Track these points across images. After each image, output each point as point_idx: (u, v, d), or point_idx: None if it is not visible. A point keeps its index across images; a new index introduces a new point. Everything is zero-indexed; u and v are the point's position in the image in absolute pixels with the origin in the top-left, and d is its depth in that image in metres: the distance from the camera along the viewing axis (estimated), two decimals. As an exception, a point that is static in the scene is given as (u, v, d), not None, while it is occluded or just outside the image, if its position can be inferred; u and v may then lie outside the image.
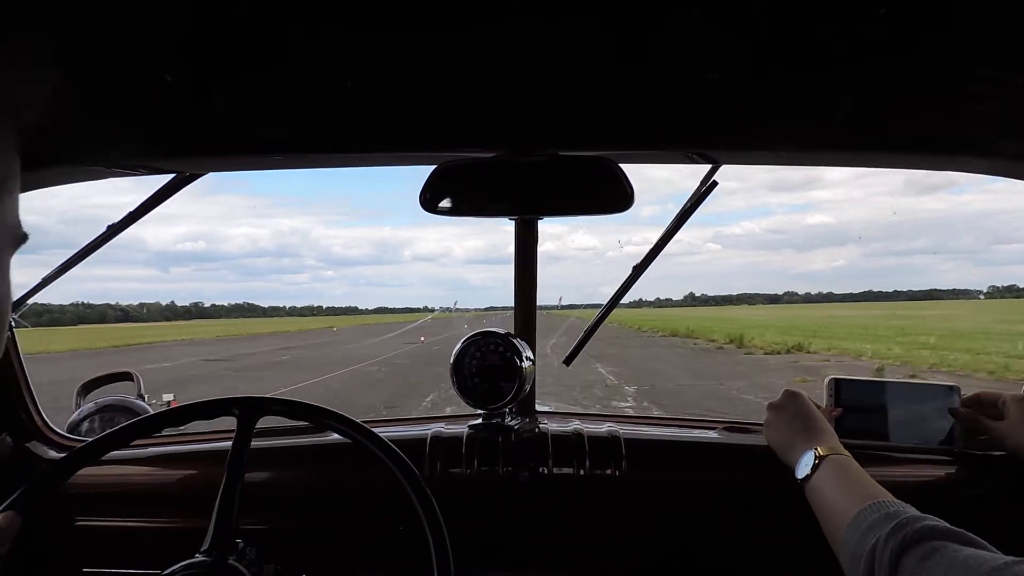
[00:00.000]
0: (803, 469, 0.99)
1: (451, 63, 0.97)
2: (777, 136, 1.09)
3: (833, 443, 1.01)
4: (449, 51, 0.95)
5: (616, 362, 18.53)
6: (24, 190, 1.18)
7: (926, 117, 1.02)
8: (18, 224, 0.62)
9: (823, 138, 1.09)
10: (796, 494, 0.99)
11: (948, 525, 0.76)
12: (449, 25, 0.89)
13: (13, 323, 1.24)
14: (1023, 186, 1.15)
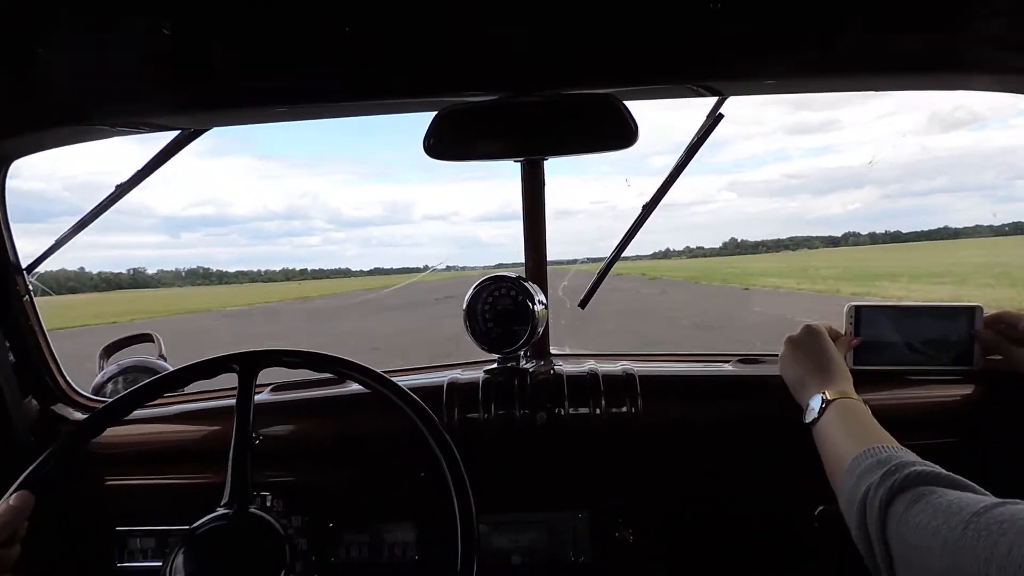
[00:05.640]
0: (810, 413, 0.99)
1: (450, 5, 0.95)
2: (783, 63, 1.06)
3: (844, 386, 1.00)
4: None
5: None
6: (29, 152, 1.20)
7: (933, 35, 0.99)
8: None
9: (830, 62, 1.06)
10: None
11: (938, 470, 0.76)
12: None
13: (31, 287, 1.26)
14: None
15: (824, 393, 0.99)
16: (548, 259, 1.37)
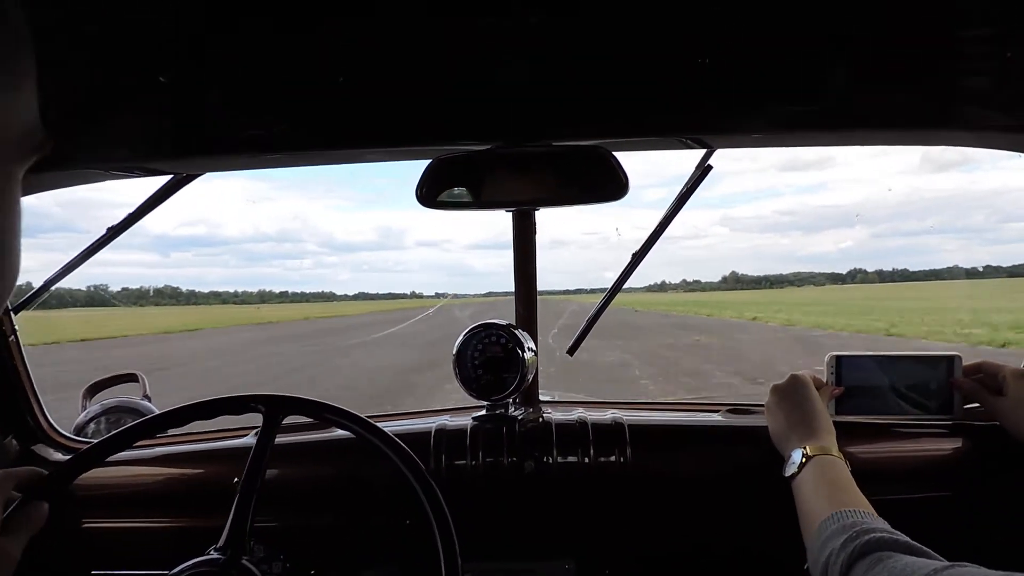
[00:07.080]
0: (790, 468, 1.00)
1: (444, 57, 0.97)
2: (770, 118, 1.09)
3: (826, 442, 1.01)
4: (441, 45, 0.95)
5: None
6: (22, 195, 1.20)
7: (916, 94, 1.02)
8: (34, 124, 0.45)
9: (816, 118, 1.09)
10: None
11: (897, 536, 0.79)
12: (441, 19, 0.89)
13: (16, 327, 1.25)
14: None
15: (805, 448, 1.00)
16: (539, 289, 1.37)
